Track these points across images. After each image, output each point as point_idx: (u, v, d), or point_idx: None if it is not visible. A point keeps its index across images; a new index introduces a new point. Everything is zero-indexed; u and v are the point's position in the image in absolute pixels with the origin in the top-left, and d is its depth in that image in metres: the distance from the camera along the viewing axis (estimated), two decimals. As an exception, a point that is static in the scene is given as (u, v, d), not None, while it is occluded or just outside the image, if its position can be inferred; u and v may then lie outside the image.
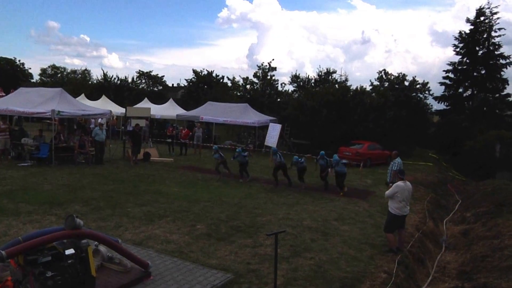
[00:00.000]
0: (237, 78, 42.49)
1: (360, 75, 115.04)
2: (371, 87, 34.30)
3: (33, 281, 5.75)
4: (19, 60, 66.91)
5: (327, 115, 27.44)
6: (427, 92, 33.63)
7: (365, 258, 8.95)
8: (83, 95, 36.70)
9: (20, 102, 19.74)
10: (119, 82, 50.77)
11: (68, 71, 67.74)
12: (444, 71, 36.59)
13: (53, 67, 68.15)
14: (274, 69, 40.25)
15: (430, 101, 34.76)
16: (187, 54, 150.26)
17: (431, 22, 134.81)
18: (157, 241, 9.22)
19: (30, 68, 73.69)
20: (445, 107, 36.96)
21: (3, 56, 66.49)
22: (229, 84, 44.57)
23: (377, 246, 9.81)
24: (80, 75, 65.05)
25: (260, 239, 9.69)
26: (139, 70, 54.92)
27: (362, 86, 31.66)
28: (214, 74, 48.04)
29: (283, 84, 41.21)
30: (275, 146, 21.95)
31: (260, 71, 40.27)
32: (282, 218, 11.69)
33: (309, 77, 39.97)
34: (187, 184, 15.76)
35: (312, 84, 38.73)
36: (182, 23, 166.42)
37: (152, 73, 55.04)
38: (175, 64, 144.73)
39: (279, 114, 32.02)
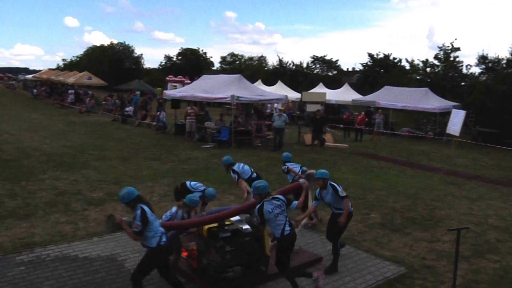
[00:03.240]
0: (416, 61, 40.17)
1: None
2: None
3: (214, 253, 6.28)
4: (202, 50, 73.80)
5: (520, 100, 24.57)
6: None
7: None
8: (259, 80, 38.57)
9: (203, 88, 21.52)
10: (294, 67, 52.23)
11: (246, 58, 72.23)
12: None
13: (232, 54, 73.41)
14: (458, 49, 37.11)
15: None
16: (361, 36, 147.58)
17: None
18: (329, 227, 9.30)
19: (211, 57, 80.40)
20: None
21: (189, 47, 73.99)
22: (407, 67, 42.60)
23: None
24: (256, 62, 68.82)
25: (437, 234, 9.14)
26: (314, 55, 55.67)
27: None
28: (391, 57, 46.39)
29: (468, 66, 37.77)
30: (458, 134, 20.45)
31: (441, 53, 37.54)
32: (463, 213, 10.84)
33: (500, 57, 36.04)
34: (362, 171, 15.56)
35: (503, 66, 34.85)
36: (355, 5, 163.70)
37: (326, 58, 55.33)
38: (350, 48, 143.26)
39: (463, 99, 29.61)
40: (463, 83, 36.47)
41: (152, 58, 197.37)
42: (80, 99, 38.39)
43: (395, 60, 46.15)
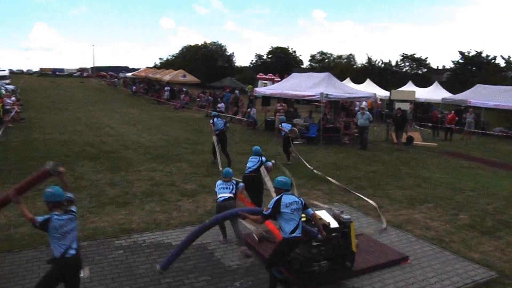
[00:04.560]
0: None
1: None
2: None
3: (301, 247, 6.50)
4: (291, 49, 74.26)
5: None
6: None
7: None
8: (348, 78, 38.21)
9: (293, 86, 21.90)
10: (382, 65, 51.26)
11: (334, 56, 71.80)
12: None
13: (321, 53, 73.23)
14: (562, 44, 34.61)
15: None
16: (452, 32, 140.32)
17: None
18: (416, 226, 9.25)
19: (300, 55, 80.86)
20: None
21: (279, 45, 74.92)
22: (502, 64, 40.37)
23: None
24: (345, 60, 68.19)
25: (533, 239, 8.80)
26: (403, 53, 54.25)
27: None
28: (483, 55, 44.10)
29: None
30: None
31: (542, 48, 35.21)
32: None
33: None
34: (451, 171, 15.16)
35: None
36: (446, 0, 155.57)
37: (416, 56, 53.71)
38: (440, 45, 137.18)
39: None
40: None
41: (243, 57, 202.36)
42: (175, 95, 40.50)
43: (489, 58, 43.85)
